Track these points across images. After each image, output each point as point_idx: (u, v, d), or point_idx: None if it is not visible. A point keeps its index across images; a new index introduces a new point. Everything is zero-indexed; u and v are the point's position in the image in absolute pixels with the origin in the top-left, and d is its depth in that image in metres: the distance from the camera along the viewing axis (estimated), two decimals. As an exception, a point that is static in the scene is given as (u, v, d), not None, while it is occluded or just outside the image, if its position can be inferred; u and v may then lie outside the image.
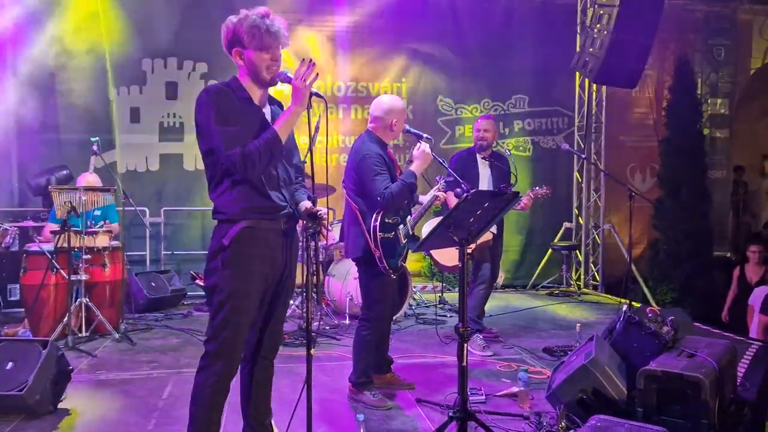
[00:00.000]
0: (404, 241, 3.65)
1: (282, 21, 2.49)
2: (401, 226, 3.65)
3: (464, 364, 2.79)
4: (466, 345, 2.80)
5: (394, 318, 5.55)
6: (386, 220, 3.57)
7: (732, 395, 3.31)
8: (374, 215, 3.55)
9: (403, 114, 3.76)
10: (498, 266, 5.22)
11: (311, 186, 2.60)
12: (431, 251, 4.87)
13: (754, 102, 9.49)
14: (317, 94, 2.47)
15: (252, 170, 2.41)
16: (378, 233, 3.54)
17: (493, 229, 4.84)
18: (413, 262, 7.92)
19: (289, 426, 2.80)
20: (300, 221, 2.70)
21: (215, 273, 2.51)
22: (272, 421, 2.87)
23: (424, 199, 3.85)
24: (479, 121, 5.10)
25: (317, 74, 2.46)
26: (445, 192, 4.03)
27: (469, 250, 2.87)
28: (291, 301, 5.99)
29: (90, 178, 5.66)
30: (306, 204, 2.66)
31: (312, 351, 2.48)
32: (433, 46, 8.12)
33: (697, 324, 4.20)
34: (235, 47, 2.50)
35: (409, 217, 3.72)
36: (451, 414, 2.87)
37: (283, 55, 2.54)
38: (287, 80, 2.47)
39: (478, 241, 4.72)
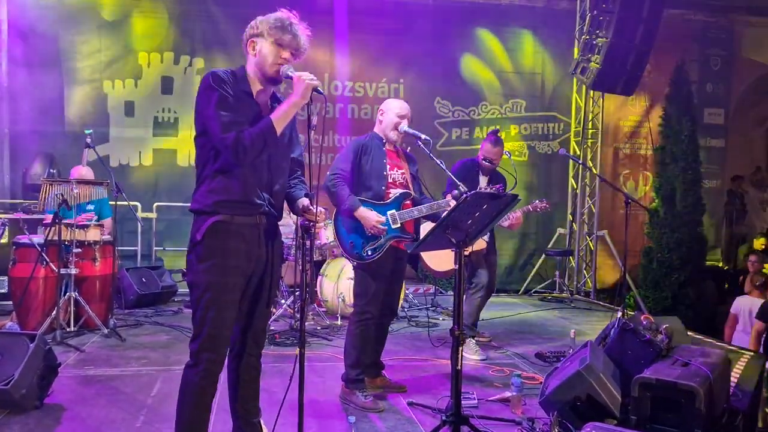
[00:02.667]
0: (374, 232, 3.59)
1: (306, 32, 2.51)
2: None
3: (459, 367, 2.76)
4: (461, 349, 2.77)
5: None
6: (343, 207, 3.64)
7: (725, 404, 3.30)
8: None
9: (392, 110, 3.74)
10: (495, 274, 5.16)
11: (309, 183, 2.57)
12: (422, 255, 4.82)
13: (749, 112, 9.53)
14: (317, 90, 2.44)
15: (243, 156, 2.39)
16: (336, 218, 3.63)
17: (486, 238, 4.82)
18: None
19: (275, 425, 2.76)
20: (296, 217, 2.67)
21: (191, 269, 2.51)
22: (261, 420, 2.83)
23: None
24: (486, 146, 4.92)
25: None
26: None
27: (465, 253, 2.84)
28: (282, 300, 5.96)
29: (83, 171, 5.60)
30: (303, 201, 2.64)
31: (297, 352, 2.45)
32: (432, 48, 8.10)
33: (690, 333, 4.20)
34: (252, 38, 2.51)
35: (393, 210, 3.67)
36: (444, 418, 2.84)
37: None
38: (290, 77, 2.46)
39: (473, 248, 4.72)
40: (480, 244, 4.84)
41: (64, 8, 7.27)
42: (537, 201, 4.85)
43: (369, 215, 3.58)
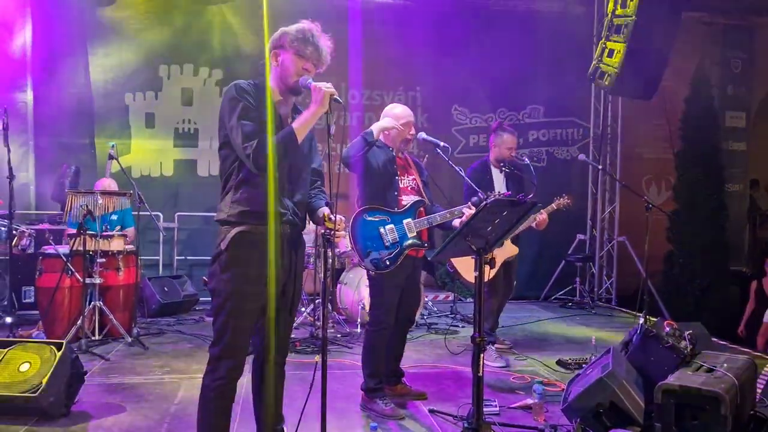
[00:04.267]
0: (392, 242, 3.60)
1: (328, 43, 2.56)
2: (388, 225, 3.62)
3: (480, 374, 2.75)
4: (482, 356, 2.77)
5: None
6: (365, 217, 3.62)
7: (751, 411, 3.26)
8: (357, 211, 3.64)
9: (398, 119, 3.75)
10: (514, 278, 5.15)
11: (329, 193, 2.60)
12: (457, 267, 4.81)
13: (772, 116, 9.40)
14: (336, 99, 2.47)
15: (265, 164, 2.43)
16: (354, 228, 3.62)
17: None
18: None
19: None
20: (317, 227, 2.70)
21: (214, 277, 2.55)
22: (284, 428, 2.85)
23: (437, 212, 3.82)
24: (506, 137, 4.89)
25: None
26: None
27: (487, 258, 2.84)
28: (302, 308, 5.99)
29: (106, 183, 5.70)
30: (324, 210, 2.67)
31: (317, 358, 2.48)
32: (448, 55, 8.10)
33: (714, 339, 4.15)
34: (275, 50, 2.56)
35: (409, 219, 3.69)
36: (465, 425, 2.84)
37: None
38: (308, 87, 2.50)
39: (506, 256, 4.71)
40: (513, 249, 4.84)
41: (87, 22, 7.40)
42: (558, 198, 4.83)
43: (383, 120, 3.65)
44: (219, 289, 2.52)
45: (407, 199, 3.72)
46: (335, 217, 2.58)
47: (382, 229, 3.62)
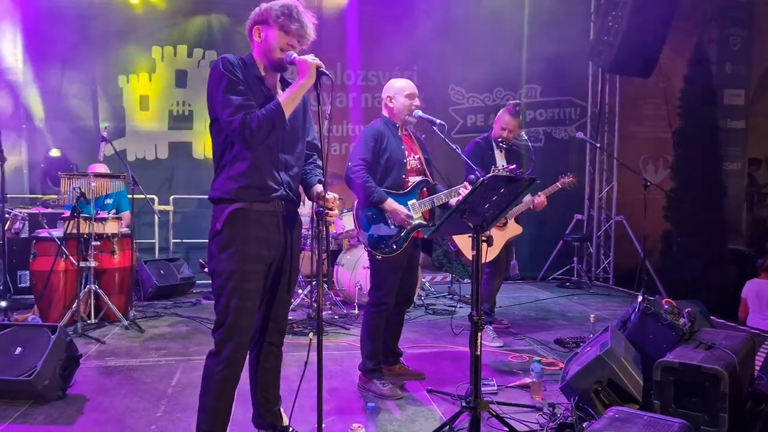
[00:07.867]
0: (398, 224, 3.58)
1: (313, 19, 2.53)
2: None
3: (477, 353, 2.73)
4: (479, 334, 2.74)
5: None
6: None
7: (750, 389, 3.25)
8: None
9: (401, 90, 3.68)
10: (511, 257, 5.12)
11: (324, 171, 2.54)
12: (460, 246, 4.78)
13: (771, 93, 9.32)
14: (323, 72, 2.42)
15: (251, 139, 2.38)
16: (359, 212, 3.58)
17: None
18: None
19: (292, 412, 2.77)
20: (311, 204, 2.67)
21: (213, 258, 2.52)
22: (281, 408, 2.84)
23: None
24: (505, 117, 4.83)
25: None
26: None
27: (483, 238, 2.80)
28: (300, 290, 5.96)
29: (98, 168, 5.65)
30: (318, 188, 2.64)
31: (311, 335, 2.45)
32: (445, 34, 7.99)
33: (713, 317, 4.14)
34: (257, 25, 2.52)
35: (414, 200, 3.65)
36: (464, 404, 2.82)
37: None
38: (293, 62, 2.46)
39: (510, 236, 4.68)
40: (516, 229, 4.81)
41: (78, 3, 7.28)
42: (562, 177, 4.79)
43: (398, 208, 3.55)
44: (219, 269, 2.49)
45: (413, 180, 3.68)
46: (325, 193, 2.53)
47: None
